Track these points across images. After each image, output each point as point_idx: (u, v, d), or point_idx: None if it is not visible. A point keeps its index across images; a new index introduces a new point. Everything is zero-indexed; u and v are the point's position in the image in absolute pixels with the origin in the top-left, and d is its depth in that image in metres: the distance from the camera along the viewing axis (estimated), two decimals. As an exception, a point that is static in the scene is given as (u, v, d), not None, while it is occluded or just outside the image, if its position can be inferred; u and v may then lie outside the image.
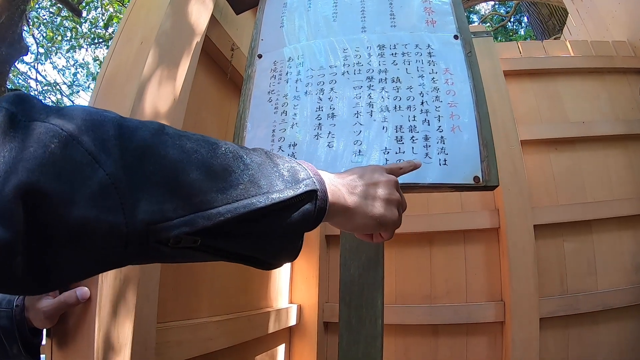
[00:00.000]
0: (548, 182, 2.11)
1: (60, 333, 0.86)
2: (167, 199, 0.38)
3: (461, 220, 2.07)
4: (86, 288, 0.83)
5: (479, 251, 2.07)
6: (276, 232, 0.48)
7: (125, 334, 0.91)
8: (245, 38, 1.58)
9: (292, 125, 1.05)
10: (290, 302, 2.05)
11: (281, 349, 1.92)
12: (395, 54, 1.10)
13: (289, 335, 2.01)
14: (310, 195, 0.51)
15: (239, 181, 0.43)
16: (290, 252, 0.53)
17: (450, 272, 2.06)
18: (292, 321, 1.94)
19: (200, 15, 1.29)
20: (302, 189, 0.49)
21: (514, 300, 1.87)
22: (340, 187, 0.58)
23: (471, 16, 10.86)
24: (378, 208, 0.61)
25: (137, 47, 1.12)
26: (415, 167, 0.79)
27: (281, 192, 0.46)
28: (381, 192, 0.63)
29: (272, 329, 1.71)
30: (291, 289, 2.06)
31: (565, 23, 3.87)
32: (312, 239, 2.07)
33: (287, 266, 2.04)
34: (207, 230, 0.40)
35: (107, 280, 0.87)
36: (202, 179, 0.41)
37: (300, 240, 0.54)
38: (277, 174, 0.48)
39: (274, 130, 1.05)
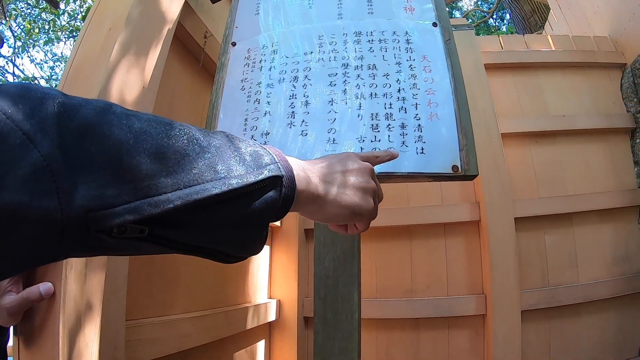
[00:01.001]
0: (529, 175, 2.12)
1: (27, 331, 0.82)
2: (109, 183, 0.34)
3: (441, 213, 2.07)
4: (50, 283, 0.80)
5: (459, 244, 2.07)
6: (236, 222, 0.44)
7: (92, 331, 0.88)
8: (222, 27, 1.54)
9: (265, 113, 1.01)
10: (270, 297, 2.02)
11: (261, 345, 1.89)
12: (372, 41, 1.07)
13: (268, 331, 1.99)
14: (275, 181, 0.47)
15: (192, 165, 0.39)
16: (253, 245, 0.49)
17: (430, 265, 2.06)
18: (272, 316, 1.91)
19: (172, 2, 1.26)
20: (265, 174, 0.45)
21: (495, 293, 1.87)
22: (310, 174, 0.54)
23: (454, 12, 10.92)
24: (352, 197, 0.57)
25: (105, 34, 1.08)
26: (392, 157, 0.76)
27: (241, 178, 0.42)
28: (355, 180, 0.59)
29: (250, 324, 1.68)
30: (270, 284, 2.04)
31: (547, 20, 3.90)
32: (291, 232, 2.05)
33: (265, 261, 2.01)
34: (155, 218, 0.36)
35: (72, 275, 0.83)
36: (150, 162, 0.37)
37: (265, 231, 0.49)
38: (238, 159, 0.44)
39: (246, 119, 1.02)
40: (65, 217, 0.32)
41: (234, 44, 1.18)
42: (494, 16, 10.37)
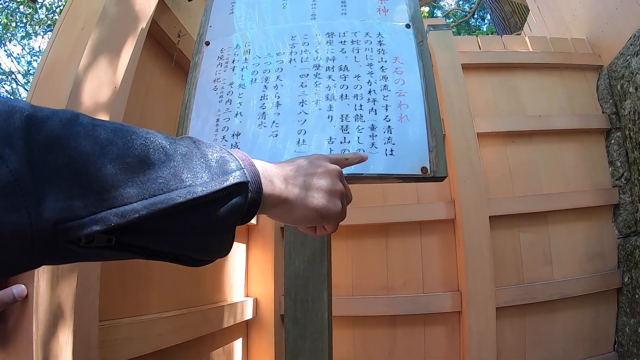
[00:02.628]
0: (504, 174, 2.15)
1: (1, 334, 0.83)
2: (76, 195, 0.35)
3: (417, 211, 2.09)
4: (23, 285, 0.80)
5: (435, 242, 2.10)
6: (202, 228, 0.45)
7: (65, 332, 0.88)
8: (198, 26, 1.54)
9: (237, 114, 1.01)
10: (247, 296, 2.02)
11: (238, 344, 1.89)
12: (344, 42, 1.08)
13: (245, 329, 1.99)
14: (241, 187, 0.47)
15: (158, 174, 0.40)
16: (220, 248, 0.50)
17: (407, 263, 2.08)
18: (249, 315, 1.91)
19: (146, 0, 1.25)
20: (230, 181, 0.45)
21: (471, 290, 1.90)
22: (278, 177, 0.55)
23: (435, 11, 11.00)
24: (320, 199, 0.58)
25: (78, 33, 1.07)
26: (361, 159, 0.77)
27: (205, 185, 0.43)
28: (323, 182, 0.60)
29: (227, 323, 1.68)
30: (247, 282, 2.04)
31: (526, 21, 3.95)
32: (267, 231, 2.05)
33: (242, 259, 2.01)
34: (122, 227, 0.37)
35: (44, 277, 0.84)
36: (116, 172, 0.38)
37: (232, 235, 0.50)
38: (204, 165, 0.45)
39: (218, 120, 1.02)
40: (35, 230, 0.33)
41: (207, 44, 1.18)
42: (475, 16, 10.48)
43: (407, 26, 1.13)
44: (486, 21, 11.03)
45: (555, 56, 2.39)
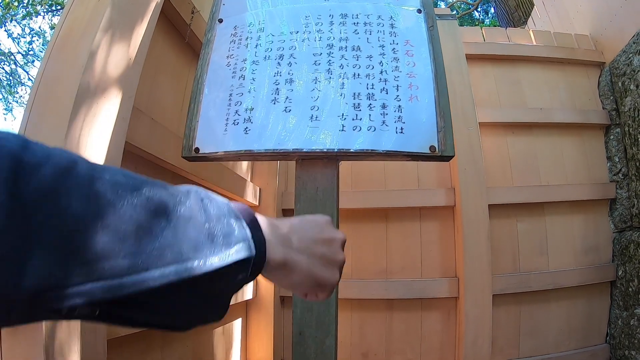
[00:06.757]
0: (504, 164, 2.17)
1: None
2: (62, 264, 0.32)
3: (418, 197, 2.11)
4: None
5: (434, 228, 2.12)
6: (196, 301, 0.42)
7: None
8: (209, 4, 1.54)
9: (250, 89, 1.03)
10: (246, 275, 2.02)
11: (237, 323, 1.92)
12: (357, 23, 1.10)
13: (245, 309, 2.01)
14: (244, 264, 0.43)
15: (154, 245, 0.37)
16: (213, 317, 0.46)
17: (405, 248, 2.11)
18: (249, 295, 1.93)
19: (160, -24, 1.25)
20: (233, 256, 0.41)
21: (468, 276, 1.93)
22: (282, 241, 0.53)
23: (438, 3, 10.97)
24: (319, 268, 0.56)
25: (93, 5, 1.07)
26: None
27: (206, 260, 0.39)
28: (327, 251, 0.58)
29: (227, 302, 1.69)
30: (247, 262, 2.03)
31: (530, 16, 3.96)
32: (268, 212, 2.06)
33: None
34: (108, 302, 0.34)
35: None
36: (108, 240, 0.34)
37: (228, 301, 0.47)
38: (206, 234, 0.41)
39: (230, 94, 1.04)
40: (13, 297, 0.31)
41: (220, 21, 1.19)
42: (479, 9, 10.46)
43: (419, 11, 1.15)
44: (489, 15, 11.01)
45: (559, 51, 2.41)
